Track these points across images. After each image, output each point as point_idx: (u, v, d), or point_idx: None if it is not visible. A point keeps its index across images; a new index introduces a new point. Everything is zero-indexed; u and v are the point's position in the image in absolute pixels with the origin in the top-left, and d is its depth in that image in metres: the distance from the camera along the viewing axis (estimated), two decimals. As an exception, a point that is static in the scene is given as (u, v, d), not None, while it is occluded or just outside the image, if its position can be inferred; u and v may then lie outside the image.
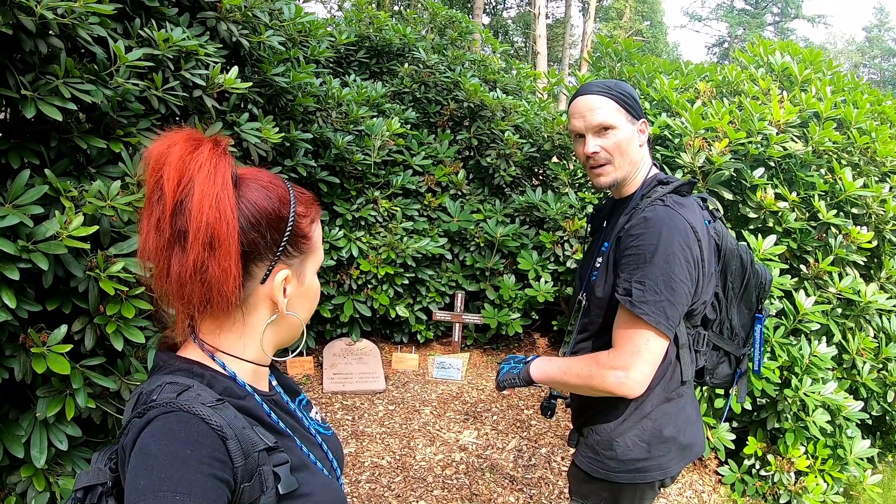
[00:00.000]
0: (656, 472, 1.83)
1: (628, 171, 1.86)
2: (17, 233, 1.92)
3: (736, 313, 1.95)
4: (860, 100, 3.69)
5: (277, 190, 0.99)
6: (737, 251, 1.91)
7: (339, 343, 5.02)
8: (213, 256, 0.89)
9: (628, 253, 1.70)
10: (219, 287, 0.91)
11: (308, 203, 1.05)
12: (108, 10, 2.10)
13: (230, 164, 0.93)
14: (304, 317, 1.09)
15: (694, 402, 1.95)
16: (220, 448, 0.84)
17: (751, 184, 3.56)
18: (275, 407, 1.06)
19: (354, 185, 4.98)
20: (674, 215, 1.69)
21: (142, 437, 0.84)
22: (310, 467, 1.03)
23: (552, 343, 5.57)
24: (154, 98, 2.59)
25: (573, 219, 4.63)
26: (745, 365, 2.04)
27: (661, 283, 1.63)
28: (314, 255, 1.07)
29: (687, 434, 1.86)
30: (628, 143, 1.83)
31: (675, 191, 1.78)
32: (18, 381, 2.05)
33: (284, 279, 1.01)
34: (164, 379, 0.93)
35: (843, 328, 3.43)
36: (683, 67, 4.62)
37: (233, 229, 0.90)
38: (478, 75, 6.00)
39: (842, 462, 3.29)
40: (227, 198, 0.90)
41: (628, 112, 1.84)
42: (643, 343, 1.66)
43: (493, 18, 31.06)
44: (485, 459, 3.85)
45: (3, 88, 1.95)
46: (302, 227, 1.02)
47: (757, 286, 1.94)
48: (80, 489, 0.92)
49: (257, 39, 3.37)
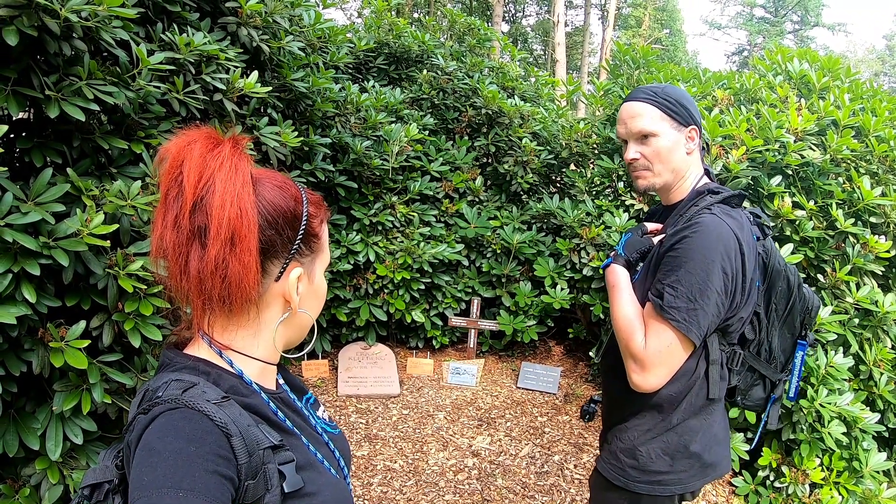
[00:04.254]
0: (676, 486, 1.81)
1: (669, 178, 1.86)
2: (38, 229, 1.97)
3: (777, 336, 1.90)
4: (879, 107, 3.65)
5: (291, 189, 1.02)
6: (784, 272, 1.85)
7: (355, 347, 5.05)
8: (233, 253, 0.90)
9: (669, 256, 1.70)
10: (238, 283, 0.92)
11: (317, 204, 1.08)
12: (131, 13, 2.15)
13: (249, 162, 0.95)
14: (313, 315, 1.12)
15: (724, 421, 1.92)
16: (225, 445, 0.85)
17: (768, 192, 3.53)
18: (281, 405, 1.07)
19: (372, 189, 5.02)
20: (719, 224, 1.66)
21: (146, 434, 0.85)
22: (316, 466, 1.03)
23: (567, 351, 5.55)
24: (175, 101, 2.65)
25: (590, 226, 4.61)
26: (780, 390, 1.98)
27: (695, 290, 1.62)
28: (322, 254, 1.10)
29: (712, 452, 1.84)
30: (669, 151, 1.82)
31: (724, 201, 1.77)
32: (36, 375, 2.09)
33: (298, 277, 1.02)
34: (170, 376, 0.94)
35: (860, 339, 3.38)
36: (701, 75, 4.61)
37: (253, 226, 0.92)
38: (496, 82, 6.01)
39: (857, 475, 3.23)
40: (247, 195, 0.91)
41: (673, 118, 1.82)
42: (665, 346, 1.65)
43: (512, 26, 31.11)
44: (497, 465, 3.85)
45: (27, 89, 2.00)
46: (314, 226, 1.05)
47: (802, 311, 1.89)
48: (86, 486, 0.93)
49: (277, 45, 3.42)
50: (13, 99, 1.96)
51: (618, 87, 4.99)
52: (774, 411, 2.01)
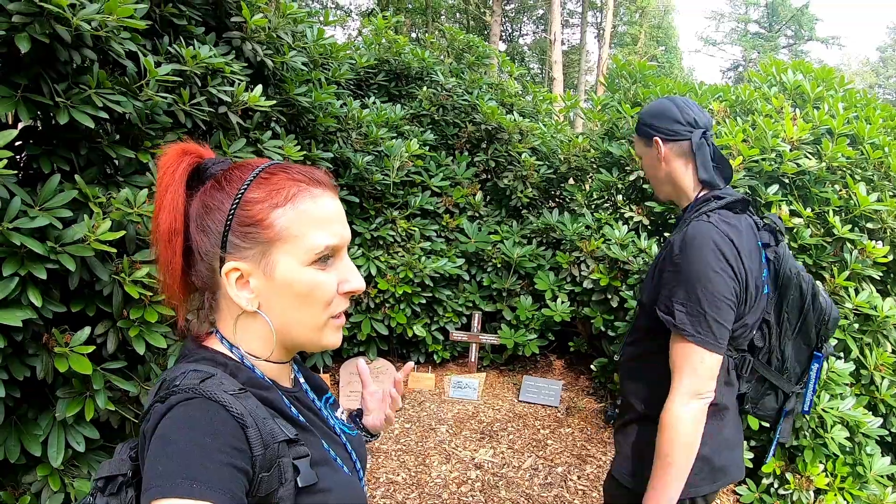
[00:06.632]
0: (685, 488, 1.82)
1: (663, 190, 1.95)
2: (45, 234, 1.99)
3: (791, 347, 1.87)
4: (872, 115, 3.70)
5: (235, 183, 0.98)
6: (796, 280, 1.82)
7: (356, 362, 5.03)
8: (167, 250, 0.97)
9: (669, 269, 1.72)
10: (171, 281, 1.00)
11: (276, 186, 0.96)
12: (141, 25, 2.20)
13: (189, 164, 1.00)
14: (285, 318, 0.99)
15: (735, 425, 1.90)
16: (240, 436, 0.84)
17: (765, 200, 3.57)
18: (297, 402, 1.05)
19: (373, 204, 5.05)
20: (711, 231, 1.68)
21: (163, 423, 0.84)
22: (331, 464, 1.02)
23: (568, 365, 5.55)
24: (181, 112, 2.69)
25: (590, 239, 4.64)
26: (793, 402, 1.94)
27: (704, 303, 1.63)
28: (285, 243, 0.95)
29: (722, 456, 1.82)
30: (651, 167, 1.93)
31: (727, 206, 1.78)
32: (39, 381, 2.09)
33: (237, 273, 0.96)
34: (189, 366, 0.94)
35: (860, 343, 3.40)
36: (697, 88, 4.67)
37: (178, 228, 0.97)
38: (495, 98, 6.08)
39: (861, 480, 3.23)
40: (180, 201, 0.97)
41: (642, 137, 1.91)
42: (699, 362, 1.65)
43: (509, 45, 31.37)
44: (500, 477, 3.83)
45: (37, 95, 2.04)
46: (252, 213, 0.94)
47: (818, 322, 1.84)
48: (100, 478, 0.93)
49: (281, 59, 3.48)
50: (23, 105, 2.00)
51: (615, 101, 5.05)
52: (787, 424, 1.98)
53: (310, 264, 0.96)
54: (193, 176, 1.00)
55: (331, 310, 1.00)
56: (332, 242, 0.97)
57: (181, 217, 0.97)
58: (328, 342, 1.02)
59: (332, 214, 0.99)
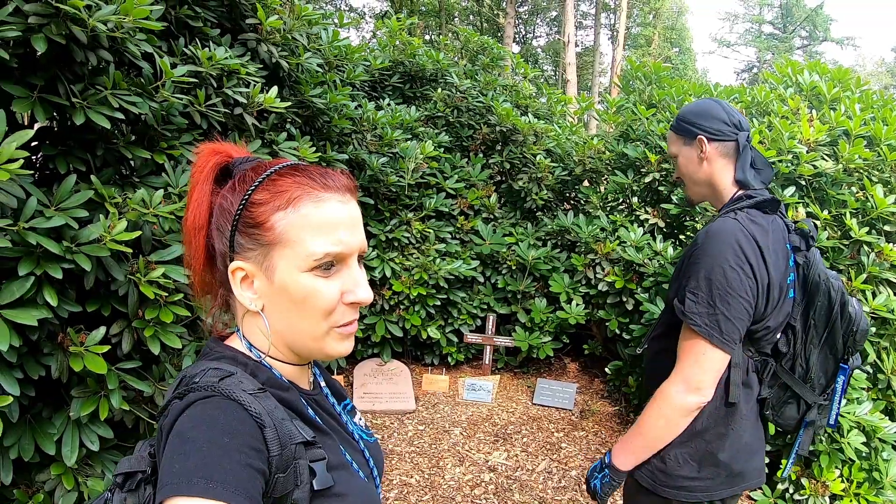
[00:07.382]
0: (701, 493, 1.79)
1: (698, 191, 1.95)
2: (61, 234, 2.00)
3: (816, 355, 1.82)
4: (889, 117, 3.64)
5: (248, 183, 0.98)
6: (825, 286, 1.78)
7: (370, 363, 5.05)
8: (191, 246, 1.01)
9: (690, 262, 1.73)
10: (192, 275, 1.04)
11: (280, 189, 0.95)
12: (156, 26, 2.21)
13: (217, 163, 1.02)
14: (285, 323, 0.98)
15: (756, 431, 1.88)
16: (258, 436, 0.84)
17: (782, 202, 3.52)
18: (315, 405, 1.05)
19: (388, 206, 5.06)
20: (735, 227, 1.68)
21: (180, 421, 0.84)
22: (348, 468, 1.01)
23: (583, 368, 5.52)
24: (196, 113, 2.70)
25: (605, 241, 4.61)
26: (814, 414, 1.89)
27: (715, 297, 1.64)
28: (284, 247, 0.94)
29: (740, 461, 1.81)
30: (687, 167, 1.92)
31: (757, 205, 1.77)
32: (54, 380, 2.10)
33: (243, 273, 0.97)
34: (209, 364, 0.94)
35: (877, 347, 3.35)
36: (713, 89, 4.63)
37: (202, 226, 1.00)
38: (510, 100, 6.07)
39: (878, 485, 3.18)
40: (205, 200, 1.00)
41: (682, 136, 1.91)
42: (701, 353, 1.66)
43: (522, 47, 31.36)
44: (514, 480, 3.82)
45: (54, 96, 2.05)
46: (255, 215, 0.94)
47: (845, 332, 1.80)
48: (120, 474, 0.92)
49: (296, 61, 3.49)
50: (39, 105, 2.01)
51: (630, 103, 5.02)
52: (807, 436, 1.94)
53: (308, 270, 0.94)
54: (222, 175, 1.02)
55: (333, 319, 0.97)
56: (334, 250, 0.94)
57: (205, 214, 0.99)
58: (332, 351, 1.00)
59: (338, 220, 0.95)
